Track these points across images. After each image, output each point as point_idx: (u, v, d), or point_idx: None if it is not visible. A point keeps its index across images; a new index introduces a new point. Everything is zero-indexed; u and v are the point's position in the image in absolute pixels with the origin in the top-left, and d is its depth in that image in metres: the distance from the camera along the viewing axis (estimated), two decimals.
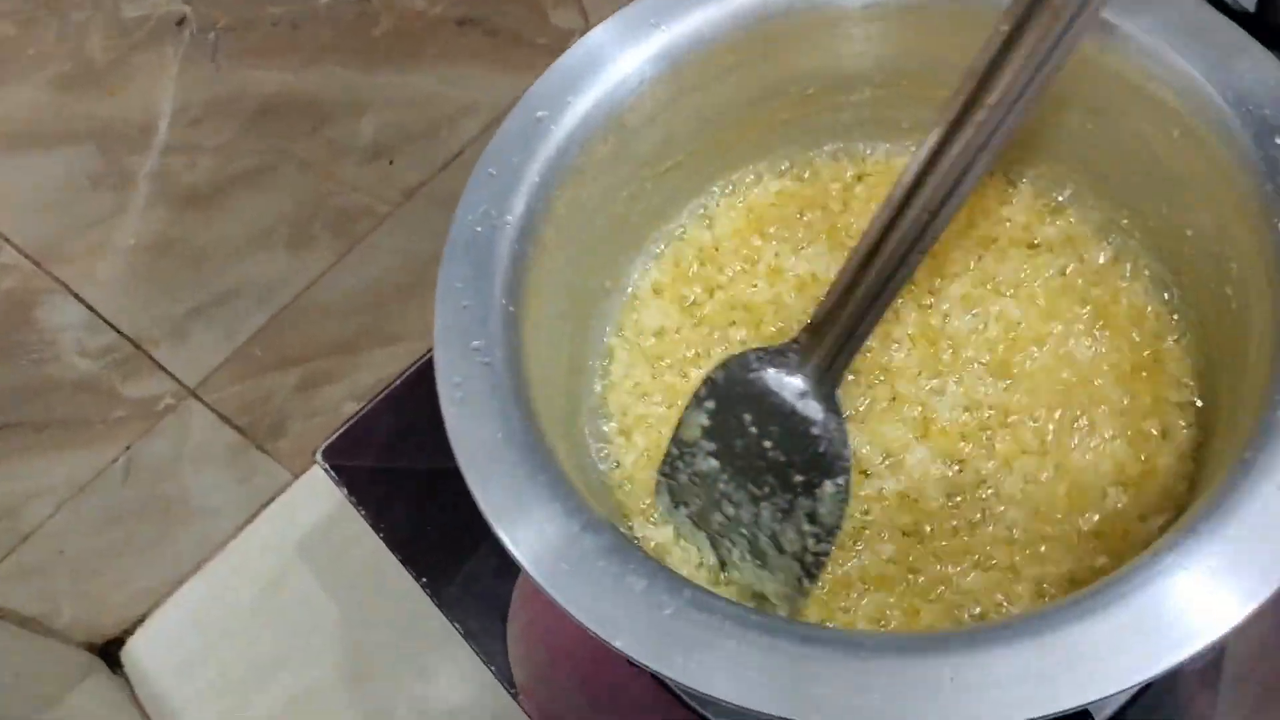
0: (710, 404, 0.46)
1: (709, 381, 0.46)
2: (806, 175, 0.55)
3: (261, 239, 0.63)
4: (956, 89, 0.40)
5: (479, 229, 0.43)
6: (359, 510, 0.61)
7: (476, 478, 0.38)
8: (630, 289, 0.53)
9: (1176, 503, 0.44)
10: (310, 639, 0.73)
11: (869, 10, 0.48)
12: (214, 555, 0.77)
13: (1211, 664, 0.49)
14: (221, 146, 0.57)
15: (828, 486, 0.43)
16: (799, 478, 0.44)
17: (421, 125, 0.65)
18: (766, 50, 0.49)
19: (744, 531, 0.44)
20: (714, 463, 0.46)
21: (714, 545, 0.45)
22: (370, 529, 0.60)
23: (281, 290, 0.66)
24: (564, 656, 0.55)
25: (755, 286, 0.52)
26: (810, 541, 0.43)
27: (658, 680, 0.53)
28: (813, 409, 0.44)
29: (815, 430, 0.43)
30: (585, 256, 0.49)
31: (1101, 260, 0.49)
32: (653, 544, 0.46)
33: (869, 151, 0.55)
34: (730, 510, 0.45)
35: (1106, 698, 0.32)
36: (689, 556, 0.46)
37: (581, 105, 0.46)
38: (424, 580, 0.58)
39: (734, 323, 0.51)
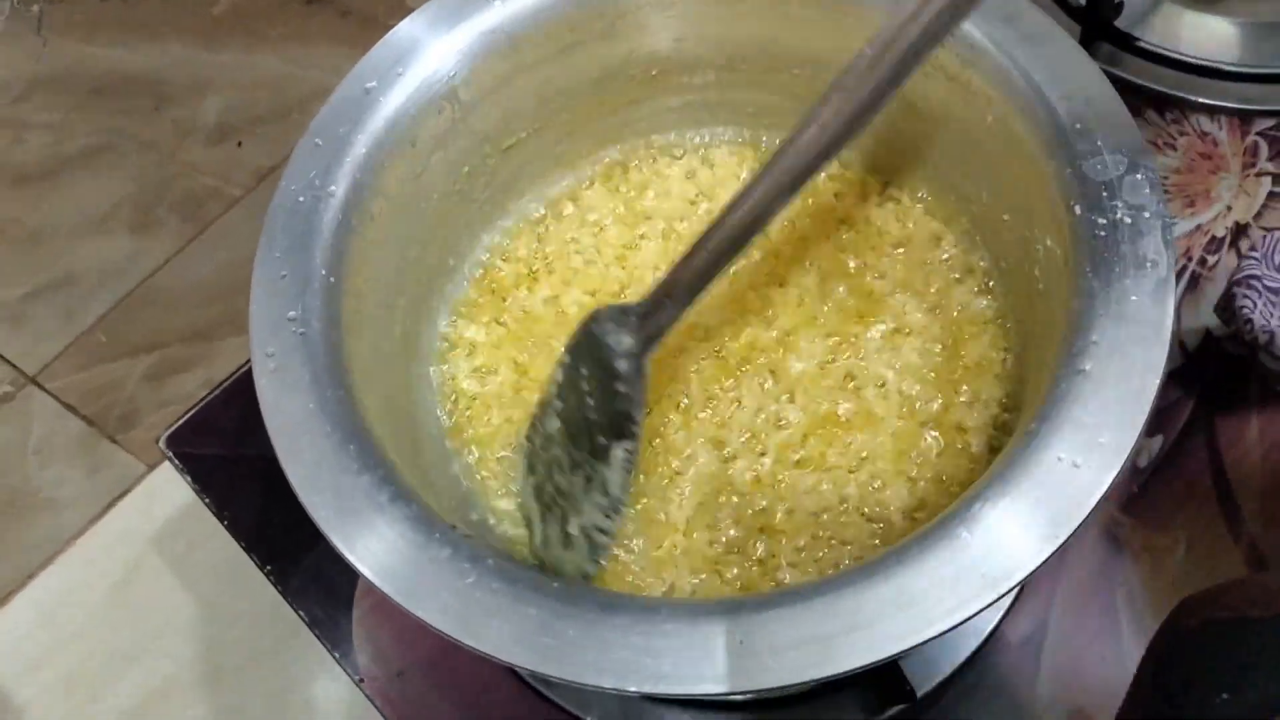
0: (566, 359, 0.45)
1: (572, 338, 0.45)
2: (649, 163, 0.55)
3: (102, 221, 0.61)
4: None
5: (301, 199, 0.43)
6: (203, 498, 0.60)
7: (286, 446, 0.37)
8: (475, 266, 0.53)
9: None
10: (164, 634, 0.71)
11: None
12: (64, 549, 0.74)
13: (1035, 633, 0.50)
14: (53, 124, 0.56)
15: (617, 451, 0.43)
16: (601, 440, 0.43)
17: (271, 107, 0.64)
18: (605, 29, 0.49)
19: (561, 503, 0.44)
20: (556, 423, 0.45)
21: (541, 520, 0.45)
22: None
23: (126, 275, 0.64)
24: (406, 642, 0.54)
25: (601, 268, 0.52)
26: (600, 518, 0.43)
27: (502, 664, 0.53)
28: (624, 368, 0.43)
29: (621, 388, 0.43)
30: (422, 231, 0.48)
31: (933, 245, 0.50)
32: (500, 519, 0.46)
33: (711, 137, 0.55)
34: (559, 479, 0.44)
35: (896, 655, 0.32)
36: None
37: (412, 77, 0.46)
38: (269, 568, 0.57)
39: (580, 306, 0.51)
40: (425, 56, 0.46)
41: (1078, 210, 0.40)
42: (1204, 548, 0.51)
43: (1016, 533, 0.34)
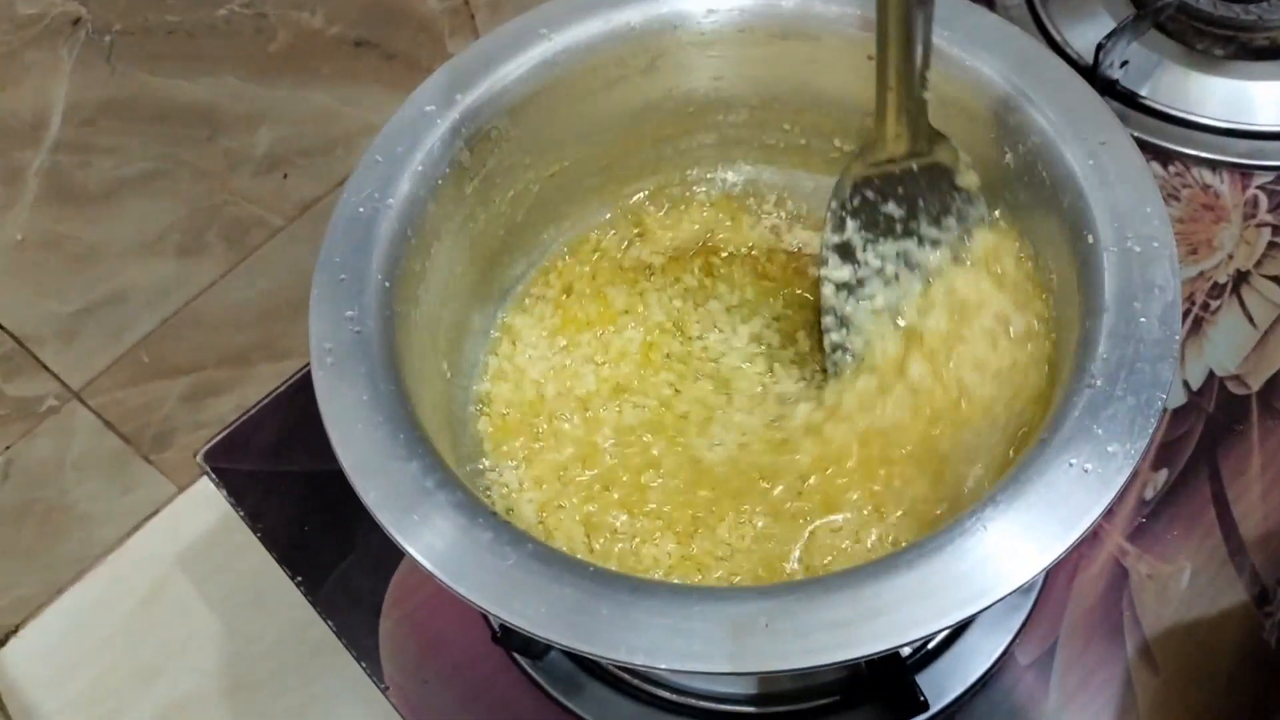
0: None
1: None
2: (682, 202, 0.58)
3: (153, 243, 0.64)
4: None
5: (361, 210, 0.45)
6: (237, 510, 0.61)
7: (340, 436, 0.39)
8: (514, 287, 0.55)
9: None
10: (187, 651, 0.73)
11: (736, 35, 0.51)
12: (94, 564, 0.76)
13: (1045, 655, 0.51)
14: (114, 148, 0.58)
15: None
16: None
17: (318, 141, 0.67)
18: (647, 66, 0.52)
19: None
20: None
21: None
22: (252, 535, 0.61)
23: (172, 296, 0.67)
24: (432, 652, 0.56)
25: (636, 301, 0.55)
26: None
27: (524, 674, 0.55)
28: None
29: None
30: (467, 248, 0.51)
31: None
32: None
33: (742, 173, 0.58)
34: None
35: (913, 640, 0.34)
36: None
37: (468, 102, 0.49)
38: (299, 579, 0.59)
39: (613, 328, 0.54)
40: (481, 83, 0.49)
41: (1090, 239, 0.42)
42: (1207, 577, 0.53)
43: (1028, 532, 0.36)
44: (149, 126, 0.59)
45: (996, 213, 0.49)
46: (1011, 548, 0.36)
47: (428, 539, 0.37)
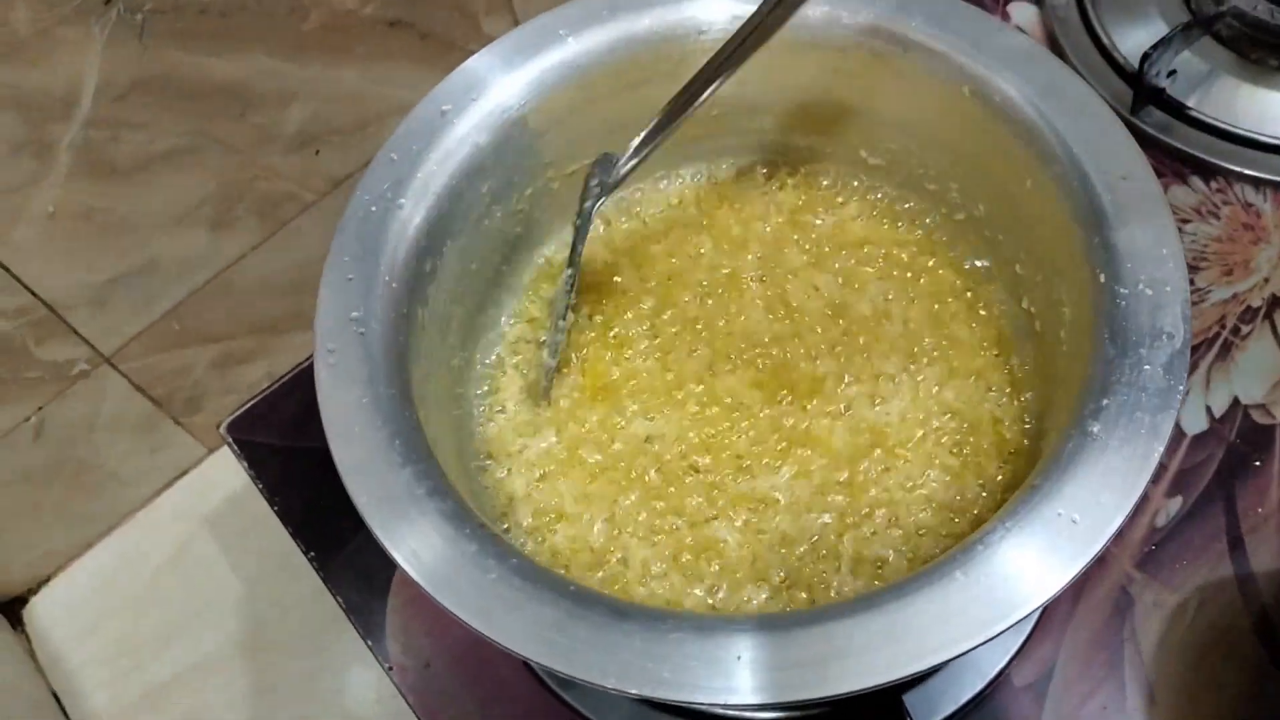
0: None
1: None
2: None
3: (184, 216, 0.65)
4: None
5: (374, 209, 0.46)
6: (257, 483, 0.63)
7: (337, 435, 0.40)
8: (531, 279, 0.55)
9: None
10: (210, 611, 0.75)
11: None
12: (122, 522, 0.78)
13: (1041, 679, 0.51)
14: (145, 124, 0.59)
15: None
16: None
17: (349, 119, 0.68)
18: (671, 70, 0.52)
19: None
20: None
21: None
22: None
23: (203, 267, 0.68)
24: (436, 636, 0.57)
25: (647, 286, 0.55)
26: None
27: (526, 664, 0.55)
28: (585, 205, 0.49)
29: (576, 221, 0.50)
30: (481, 244, 0.51)
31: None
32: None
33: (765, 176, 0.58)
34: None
35: (882, 684, 0.34)
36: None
37: (485, 103, 0.49)
38: (312, 554, 0.60)
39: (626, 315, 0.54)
40: (499, 85, 0.49)
41: (1102, 279, 0.41)
42: (1215, 610, 0.52)
43: (1010, 581, 0.35)
44: (180, 103, 0.60)
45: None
46: (988, 596, 0.35)
47: (414, 545, 0.38)
